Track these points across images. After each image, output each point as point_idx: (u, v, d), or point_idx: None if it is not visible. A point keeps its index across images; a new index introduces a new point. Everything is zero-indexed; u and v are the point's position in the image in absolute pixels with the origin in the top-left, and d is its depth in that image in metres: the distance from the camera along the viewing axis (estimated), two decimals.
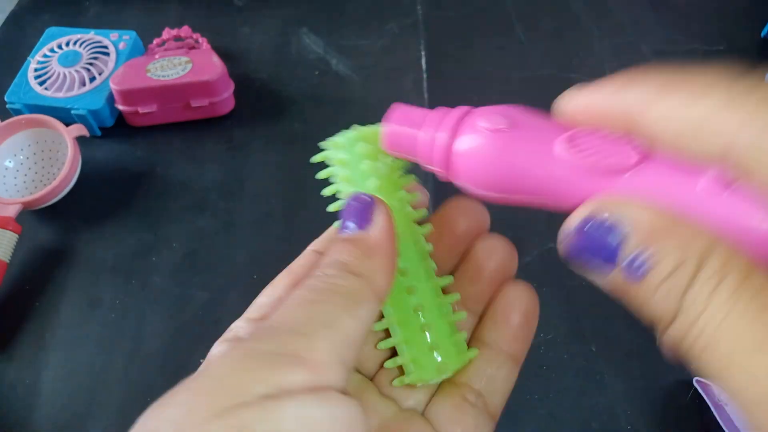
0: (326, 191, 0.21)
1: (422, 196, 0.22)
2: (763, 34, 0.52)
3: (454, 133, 0.17)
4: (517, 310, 0.21)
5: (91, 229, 0.43)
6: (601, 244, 0.14)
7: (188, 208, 0.43)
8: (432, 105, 0.48)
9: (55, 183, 0.41)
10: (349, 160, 0.21)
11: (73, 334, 0.38)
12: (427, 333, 0.20)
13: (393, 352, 0.21)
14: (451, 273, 0.22)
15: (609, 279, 0.14)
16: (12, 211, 0.40)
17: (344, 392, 0.15)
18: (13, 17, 0.57)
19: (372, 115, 0.54)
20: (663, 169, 0.14)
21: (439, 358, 0.20)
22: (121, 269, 0.40)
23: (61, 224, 0.43)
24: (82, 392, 0.36)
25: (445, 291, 0.21)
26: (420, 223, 0.22)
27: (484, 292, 0.22)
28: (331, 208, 0.19)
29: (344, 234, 0.18)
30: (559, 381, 0.35)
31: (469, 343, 0.21)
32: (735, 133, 0.12)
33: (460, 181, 0.17)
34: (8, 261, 0.40)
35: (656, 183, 0.14)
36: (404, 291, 0.20)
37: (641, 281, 0.13)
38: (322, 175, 0.21)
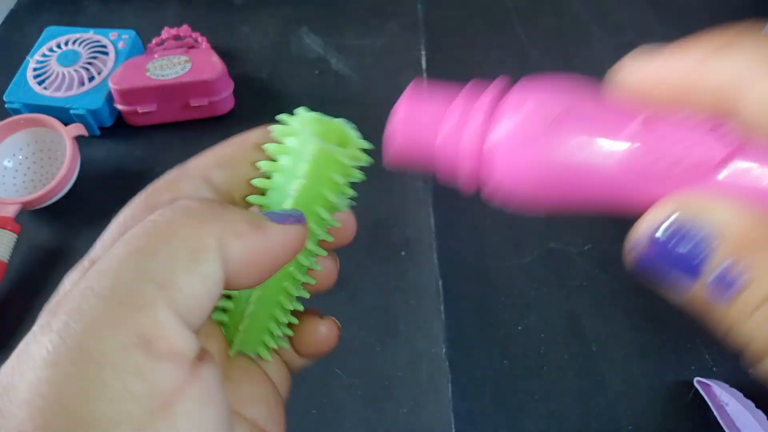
0: (256, 181, 0.17)
1: (346, 226, 0.19)
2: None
3: (489, 126, 0.14)
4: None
5: (90, 228, 0.42)
6: (682, 253, 0.11)
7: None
8: None
9: (54, 183, 0.41)
10: (292, 151, 0.17)
11: None
12: (252, 316, 0.18)
13: None
14: None
15: (690, 294, 0.12)
16: (11, 210, 0.40)
17: (199, 357, 0.13)
18: (12, 16, 0.57)
19: (372, 114, 0.54)
20: (760, 166, 0.11)
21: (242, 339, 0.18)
22: None
23: (60, 224, 0.43)
24: None
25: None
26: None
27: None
28: (253, 198, 0.17)
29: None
30: (560, 381, 0.35)
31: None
32: None
33: (501, 190, 0.14)
34: (7, 261, 0.39)
35: (751, 182, 0.11)
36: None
37: (732, 299, 0.11)
38: (263, 166, 0.17)
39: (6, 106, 0.47)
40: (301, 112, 0.18)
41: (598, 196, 0.13)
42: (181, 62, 0.46)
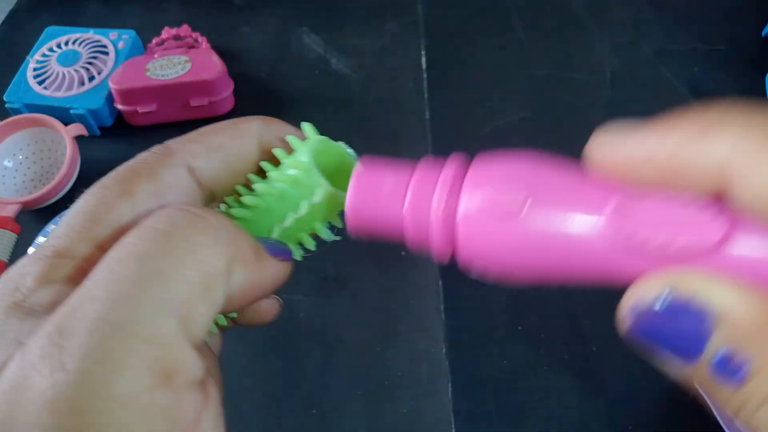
0: (246, 199, 0.16)
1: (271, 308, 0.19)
2: (764, 33, 0.52)
3: (457, 202, 0.13)
4: None
5: None
6: (680, 330, 0.11)
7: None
8: (432, 104, 0.48)
9: (54, 182, 0.41)
10: (295, 181, 0.16)
11: None
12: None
13: None
14: None
15: (688, 373, 0.11)
16: (11, 210, 0.40)
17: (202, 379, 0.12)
18: (12, 16, 0.57)
19: (372, 114, 0.54)
20: (761, 244, 0.10)
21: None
22: None
23: None
24: None
25: None
26: None
27: None
28: (237, 212, 0.16)
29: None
30: (560, 381, 0.35)
31: None
32: None
33: (476, 267, 0.14)
34: (7, 261, 0.40)
35: (750, 264, 0.10)
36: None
37: (736, 388, 0.10)
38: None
39: (6, 105, 0.47)
40: (308, 131, 0.17)
41: (581, 272, 0.12)
42: (181, 62, 0.46)
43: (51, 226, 0.40)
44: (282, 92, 0.50)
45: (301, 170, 0.16)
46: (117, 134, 0.47)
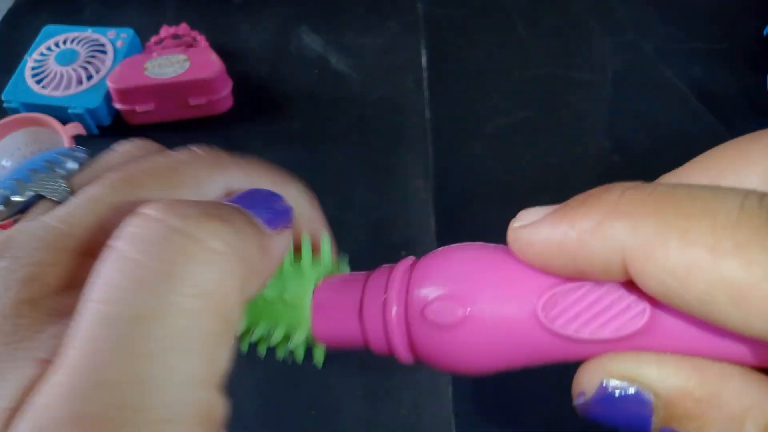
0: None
1: None
2: (765, 32, 0.52)
3: (409, 308, 0.14)
4: None
5: None
6: (626, 414, 0.11)
7: None
8: (433, 103, 0.48)
9: None
10: (283, 305, 0.16)
11: None
12: None
13: None
14: None
15: None
16: None
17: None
18: (10, 15, 0.57)
19: (372, 113, 0.54)
20: (682, 320, 0.11)
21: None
22: None
23: None
24: None
25: None
26: None
27: None
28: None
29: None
30: (560, 379, 0.35)
31: None
32: None
33: (440, 367, 0.14)
34: None
35: (679, 336, 0.11)
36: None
37: None
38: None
39: (4, 105, 0.47)
40: (325, 250, 0.17)
41: (529, 362, 0.13)
42: (180, 61, 0.46)
43: None
44: (281, 91, 0.50)
45: (294, 305, 0.15)
46: (115, 133, 0.47)
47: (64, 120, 0.44)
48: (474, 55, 0.52)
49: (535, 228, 0.12)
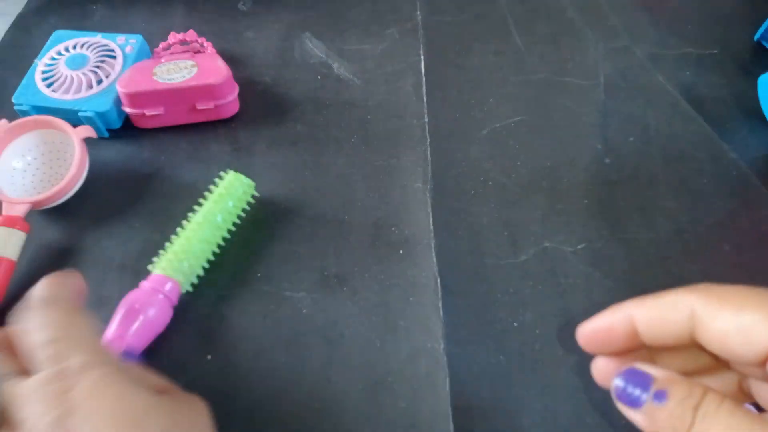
0: None
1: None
2: (756, 37, 0.53)
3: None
4: None
5: (99, 228, 0.43)
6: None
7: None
8: (431, 107, 0.49)
9: (62, 183, 0.42)
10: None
11: None
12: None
13: None
14: None
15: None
16: (20, 210, 0.41)
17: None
18: (20, 20, 0.58)
19: (373, 116, 0.55)
20: None
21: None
22: (129, 268, 0.41)
23: (69, 224, 0.44)
24: None
25: None
26: None
27: None
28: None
29: None
30: (555, 377, 0.36)
31: None
32: None
33: None
34: (16, 260, 0.40)
35: None
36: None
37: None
38: None
39: (15, 108, 0.47)
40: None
41: None
42: (188, 66, 0.46)
43: None
44: (285, 96, 0.50)
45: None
46: (125, 136, 0.48)
47: (75, 123, 0.45)
48: (471, 61, 0.53)
49: (597, 320, 0.24)
